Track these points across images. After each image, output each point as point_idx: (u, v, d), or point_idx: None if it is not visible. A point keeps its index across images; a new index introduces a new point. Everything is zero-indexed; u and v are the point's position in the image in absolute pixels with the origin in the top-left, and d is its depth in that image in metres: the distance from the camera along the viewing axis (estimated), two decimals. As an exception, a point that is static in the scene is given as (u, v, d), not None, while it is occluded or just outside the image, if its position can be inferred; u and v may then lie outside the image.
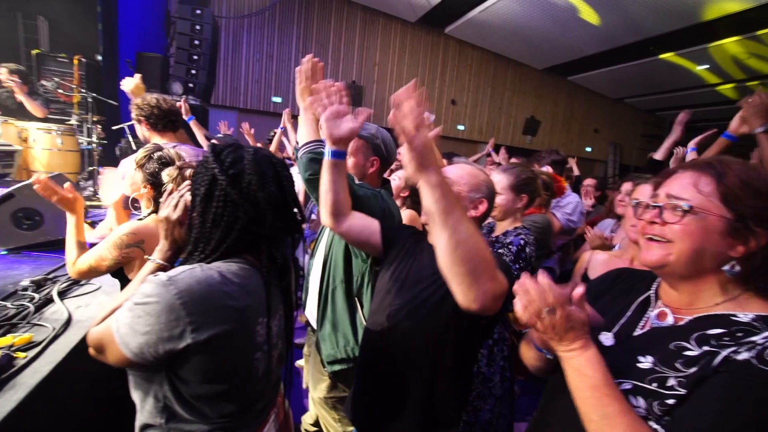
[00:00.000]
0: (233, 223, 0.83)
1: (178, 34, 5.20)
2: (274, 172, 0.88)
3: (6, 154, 3.37)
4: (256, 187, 0.84)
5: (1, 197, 2.10)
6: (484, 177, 1.26)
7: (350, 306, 1.50)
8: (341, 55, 9.16)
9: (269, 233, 0.88)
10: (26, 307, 1.47)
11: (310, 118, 1.44)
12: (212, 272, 0.78)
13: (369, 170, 1.57)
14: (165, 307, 0.72)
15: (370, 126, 1.60)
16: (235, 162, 0.85)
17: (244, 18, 8.02)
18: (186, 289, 0.74)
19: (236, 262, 0.84)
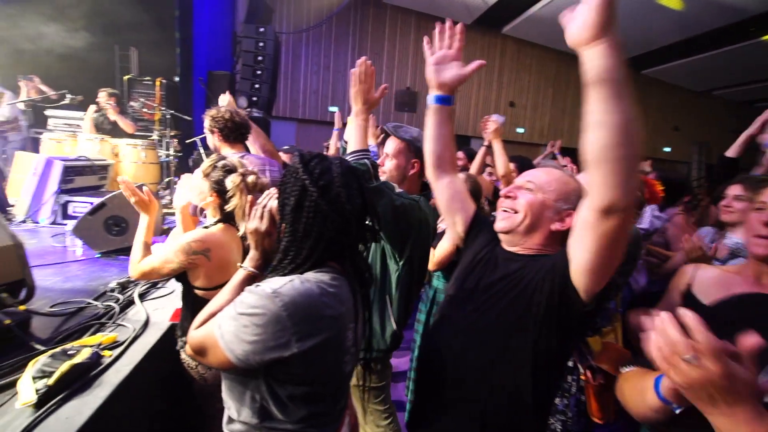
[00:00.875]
0: (323, 233, 0.86)
1: (244, 52, 5.55)
2: (359, 185, 0.91)
3: (102, 167, 3.80)
4: (345, 200, 0.86)
5: (95, 207, 2.33)
6: (575, 185, 1.08)
7: (382, 303, 1.57)
8: (395, 62, 9.22)
9: (353, 243, 0.93)
10: (112, 307, 1.59)
11: (360, 123, 1.48)
12: (311, 285, 0.82)
13: (410, 172, 1.60)
14: (272, 319, 0.76)
15: (412, 129, 1.62)
16: (323, 173, 0.87)
17: (303, 32, 8.39)
18: (291, 301, 0.78)
19: (327, 272, 0.87)
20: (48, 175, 3.22)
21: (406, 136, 1.58)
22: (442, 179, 1.24)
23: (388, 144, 1.62)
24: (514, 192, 1.11)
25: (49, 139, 4.33)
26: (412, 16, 9.15)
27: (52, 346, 1.28)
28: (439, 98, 1.19)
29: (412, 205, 1.47)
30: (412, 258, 1.51)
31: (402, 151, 1.60)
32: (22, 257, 1.48)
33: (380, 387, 1.70)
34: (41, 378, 1.05)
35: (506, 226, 1.09)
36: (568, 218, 1.04)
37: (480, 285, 1.09)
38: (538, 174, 1.13)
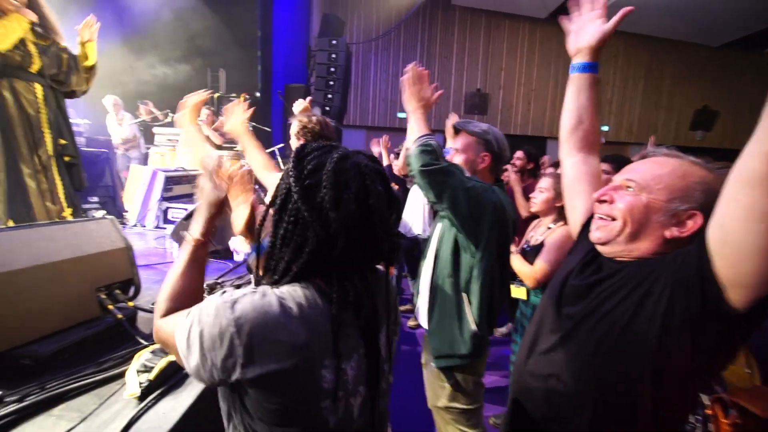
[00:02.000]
0: (302, 246, 0.70)
1: (317, 65, 5.81)
2: (360, 186, 0.70)
3: (195, 177, 4.21)
4: (330, 205, 0.68)
5: (189, 213, 2.55)
6: (700, 175, 0.85)
7: (457, 300, 1.48)
8: (465, 64, 8.99)
9: (342, 260, 0.72)
10: (203, 307, 1.68)
11: (419, 117, 1.52)
12: (272, 299, 0.68)
13: (480, 166, 1.57)
14: (219, 333, 0.65)
15: (482, 124, 1.61)
16: (314, 170, 0.70)
17: (372, 42, 8.57)
18: (242, 316, 0.65)
19: (303, 288, 0.72)
20: (153, 185, 3.65)
21: (476, 130, 1.56)
22: (574, 155, 1.11)
23: (456, 139, 1.61)
24: (610, 194, 0.91)
25: (155, 153, 4.92)
26: (481, 15, 8.88)
27: (152, 342, 1.39)
28: (574, 66, 1.10)
29: (485, 188, 1.43)
30: (490, 247, 1.42)
31: (471, 145, 1.58)
32: (131, 258, 1.65)
33: (471, 410, 1.57)
34: (144, 372, 1.13)
35: (602, 237, 0.91)
36: (690, 221, 0.82)
37: (581, 290, 0.94)
38: (641, 168, 0.90)
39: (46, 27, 2.18)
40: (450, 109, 9.19)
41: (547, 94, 9.38)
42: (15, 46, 2.00)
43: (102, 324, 1.44)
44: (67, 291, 1.41)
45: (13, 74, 2.03)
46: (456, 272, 1.48)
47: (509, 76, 9.15)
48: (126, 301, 1.56)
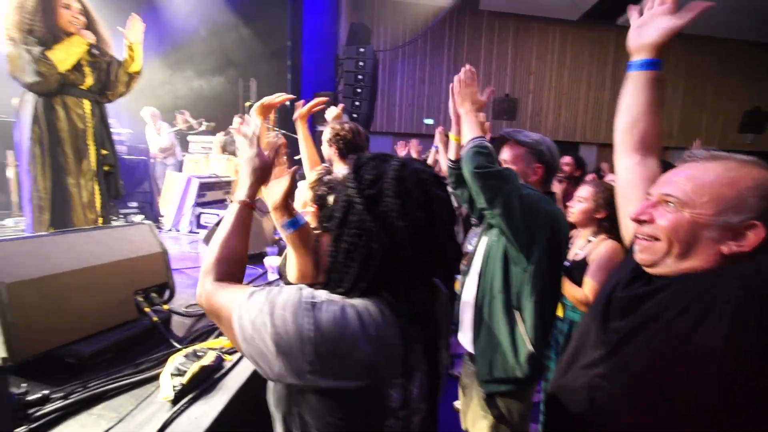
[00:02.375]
0: (369, 258, 0.68)
1: (345, 72, 5.89)
2: (422, 193, 0.69)
3: (227, 183, 4.34)
4: (397, 214, 0.66)
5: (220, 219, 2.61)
6: (754, 177, 0.74)
7: (509, 319, 1.37)
8: (493, 69, 8.87)
9: (409, 270, 0.70)
10: (233, 312, 1.71)
11: (472, 119, 1.48)
12: (352, 314, 0.65)
13: (532, 178, 1.50)
14: (296, 336, 0.62)
15: (532, 133, 1.54)
16: (376, 180, 0.69)
17: (398, 49, 8.62)
18: (323, 325, 0.63)
19: (374, 304, 0.68)
20: (188, 191, 3.79)
21: (527, 140, 1.49)
22: (629, 157, 1.01)
23: (505, 150, 1.55)
24: (649, 212, 0.82)
25: (190, 160, 5.12)
26: (510, 19, 8.75)
27: (185, 345, 1.42)
28: (634, 63, 1.01)
29: (539, 197, 1.36)
30: (543, 260, 1.32)
31: (522, 156, 1.51)
32: (167, 262, 1.70)
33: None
34: (177, 375, 1.15)
35: (647, 259, 0.83)
36: (750, 232, 0.72)
37: (628, 304, 0.87)
38: (680, 179, 0.79)
39: (99, 45, 2.30)
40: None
41: (579, 98, 9.10)
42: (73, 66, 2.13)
43: (139, 326, 1.50)
44: (108, 293, 1.47)
45: (66, 91, 2.16)
46: (506, 288, 1.38)
47: (539, 80, 8.95)
48: (161, 304, 1.61)
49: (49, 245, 1.39)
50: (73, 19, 2.11)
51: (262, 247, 2.68)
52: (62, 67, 2.05)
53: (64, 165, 2.16)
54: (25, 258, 1.31)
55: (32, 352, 1.24)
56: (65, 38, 2.09)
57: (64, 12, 2.08)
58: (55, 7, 2.05)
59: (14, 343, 1.20)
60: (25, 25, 1.96)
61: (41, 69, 1.98)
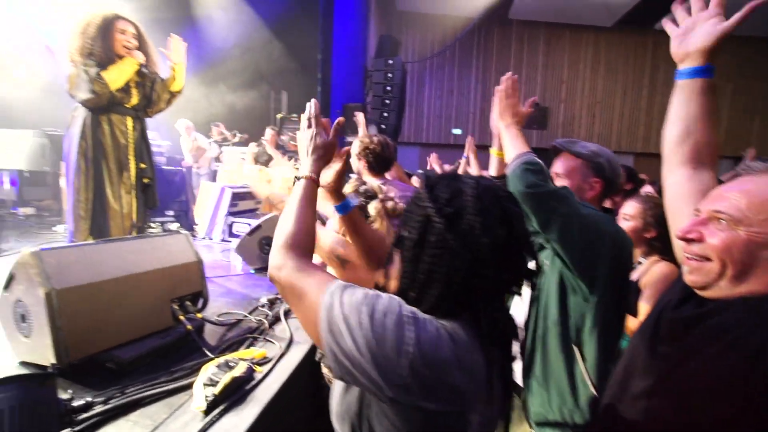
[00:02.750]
0: (451, 277, 0.66)
1: (374, 84, 5.96)
2: (501, 209, 0.69)
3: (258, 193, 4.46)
4: (480, 231, 0.65)
5: (253, 228, 2.68)
6: None
7: (567, 354, 1.22)
8: (523, 77, 8.74)
9: (491, 289, 0.69)
10: (263, 322, 1.74)
11: (514, 132, 1.34)
12: (446, 335, 0.64)
13: (587, 194, 1.34)
14: (395, 348, 0.60)
15: (590, 144, 1.37)
16: (452, 198, 0.69)
17: (426, 60, 8.66)
18: (423, 344, 0.61)
19: (460, 327, 0.67)
20: (221, 200, 3.91)
21: (584, 151, 1.34)
22: (679, 170, 0.94)
23: (558, 162, 1.39)
24: (698, 231, 0.76)
25: (223, 171, 5.31)
26: (541, 27, 8.62)
27: (217, 354, 1.45)
28: (682, 72, 0.95)
29: (601, 217, 1.21)
30: (607, 289, 1.17)
31: (577, 169, 1.35)
32: (202, 271, 1.75)
33: None
34: (209, 386, 1.17)
35: (698, 281, 0.76)
36: None
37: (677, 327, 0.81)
38: (732, 194, 0.73)
39: (147, 64, 2.45)
40: (506, 124, 8.95)
41: (614, 106, 8.78)
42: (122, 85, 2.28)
43: (174, 334, 1.54)
44: (147, 301, 1.53)
45: (112, 109, 2.31)
46: (564, 319, 1.24)
47: (571, 88, 8.72)
48: (195, 313, 1.65)
49: (95, 253, 1.46)
50: (127, 43, 2.27)
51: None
52: (114, 86, 2.21)
53: (105, 177, 2.29)
54: (74, 265, 1.38)
55: (77, 357, 1.30)
56: (118, 60, 2.23)
57: (119, 36, 2.25)
58: (113, 33, 2.23)
59: (61, 347, 1.26)
60: (86, 49, 2.14)
61: (96, 88, 2.14)
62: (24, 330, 1.34)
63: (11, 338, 1.40)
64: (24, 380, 0.76)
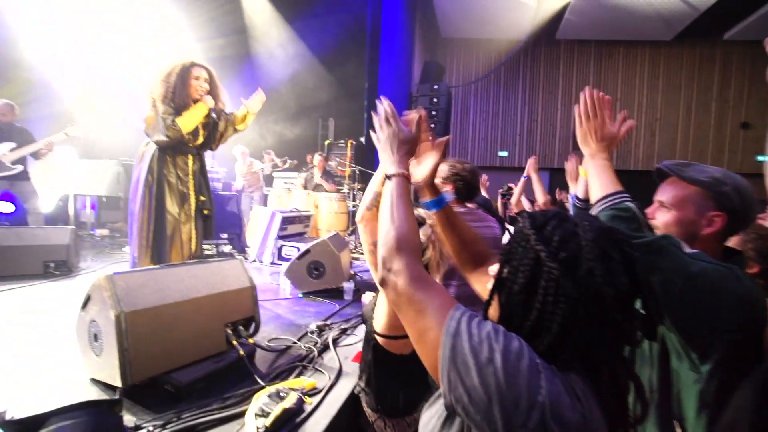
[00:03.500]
0: (568, 328, 0.60)
1: (419, 109, 6.04)
2: (621, 254, 0.63)
3: (306, 217, 4.59)
4: (602, 279, 0.60)
5: (302, 253, 2.73)
6: None
7: (665, 430, 1.02)
8: (572, 98, 8.43)
9: (614, 341, 0.63)
10: (312, 350, 1.72)
11: (602, 164, 1.11)
12: (570, 389, 0.58)
13: (704, 231, 1.06)
14: (525, 394, 0.55)
15: (711, 168, 1.08)
16: (565, 239, 0.64)
17: (471, 84, 8.65)
18: (556, 395, 0.55)
19: (576, 382, 0.60)
20: (272, 224, 4.06)
21: (701, 177, 1.06)
22: None
23: (665, 190, 1.13)
24: None
25: (274, 195, 5.54)
26: (591, 46, 8.34)
27: (268, 382, 1.44)
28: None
29: (721, 273, 0.94)
30: (724, 364, 0.94)
31: (692, 198, 1.08)
32: (255, 297, 1.79)
33: None
34: (261, 416, 1.16)
35: None
36: None
37: None
38: None
39: (216, 106, 2.65)
40: (557, 148, 8.62)
41: (677, 123, 8.17)
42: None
43: (227, 358, 1.57)
44: (203, 325, 1.58)
45: (178, 148, 2.50)
46: (664, 386, 1.04)
47: (626, 106, 8.25)
48: (247, 338, 1.68)
49: (160, 277, 1.54)
50: (200, 88, 2.49)
51: (339, 281, 2.73)
52: (186, 131, 2.44)
53: (167, 209, 2.44)
54: (141, 288, 1.46)
55: (139, 378, 1.35)
56: (192, 104, 2.46)
57: (194, 83, 2.48)
58: (189, 79, 2.46)
59: (126, 368, 1.32)
60: (167, 96, 2.38)
61: (170, 133, 2.38)
62: (96, 349, 1.42)
63: (85, 355, 1.49)
64: (91, 406, 0.79)
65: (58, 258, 3.04)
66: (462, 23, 8.01)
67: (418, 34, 7.27)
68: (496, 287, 0.69)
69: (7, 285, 2.63)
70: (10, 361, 1.59)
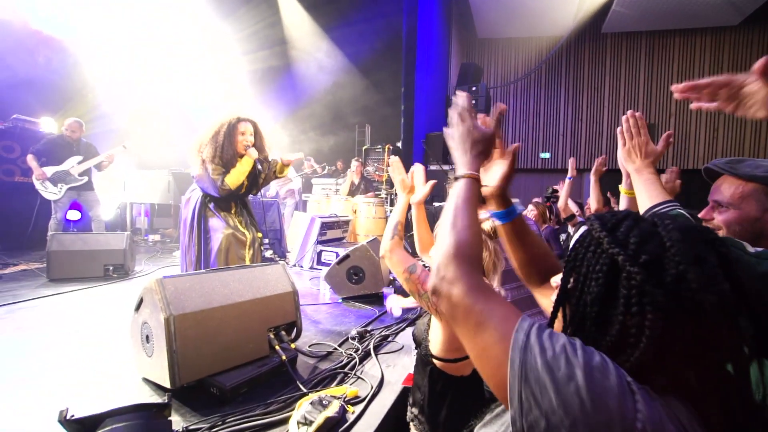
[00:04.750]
0: (662, 342, 0.52)
1: (456, 112, 5.92)
2: (717, 255, 0.54)
3: (345, 222, 4.61)
4: (697, 285, 0.51)
5: (341, 258, 2.72)
6: None
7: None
8: (621, 94, 7.95)
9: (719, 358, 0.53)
10: (353, 357, 1.69)
11: (649, 177, 1.15)
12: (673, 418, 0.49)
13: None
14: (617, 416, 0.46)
15: (765, 162, 1.09)
16: (645, 242, 0.56)
17: (510, 84, 8.39)
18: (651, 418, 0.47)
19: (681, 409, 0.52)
20: (311, 230, 4.12)
21: (758, 173, 1.08)
22: None
23: (720, 189, 1.15)
24: None
25: (313, 201, 5.64)
26: (641, 38, 7.83)
27: (310, 389, 1.42)
28: None
29: None
30: None
31: (751, 194, 1.08)
32: (296, 302, 1.79)
33: None
34: (304, 425, 1.13)
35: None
36: None
37: None
38: None
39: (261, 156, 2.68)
40: (604, 147, 8.14)
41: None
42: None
43: (270, 363, 1.57)
44: (247, 329, 1.59)
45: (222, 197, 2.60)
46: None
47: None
48: (289, 343, 1.67)
49: (206, 282, 1.58)
50: (246, 142, 2.57)
51: (379, 287, 2.69)
52: (233, 186, 2.54)
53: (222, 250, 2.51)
54: (189, 292, 1.50)
55: (186, 381, 1.38)
56: (239, 159, 2.56)
57: (240, 138, 2.56)
58: (236, 136, 2.54)
59: (175, 369, 1.35)
60: (216, 155, 2.48)
61: (222, 193, 2.51)
62: (147, 350, 1.47)
63: (137, 355, 1.55)
64: (144, 409, 0.79)
65: (116, 262, 3.25)
66: (499, 22, 7.82)
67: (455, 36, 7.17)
68: (561, 299, 0.61)
69: (74, 286, 2.84)
70: (73, 358, 1.68)
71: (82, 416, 0.74)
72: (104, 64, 5.74)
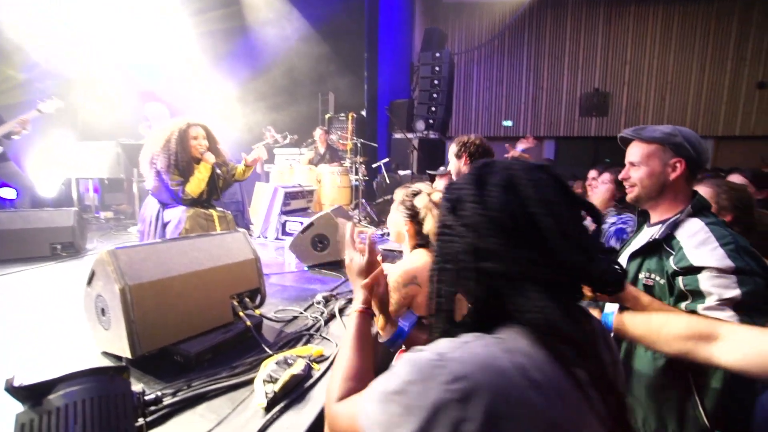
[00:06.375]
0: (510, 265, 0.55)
1: (421, 79, 5.88)
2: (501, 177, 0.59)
3: (309, 192, 4.56)
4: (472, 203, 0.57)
5: (305, 226, 2.71)
6: None
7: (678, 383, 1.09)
8: (579, 63, 8.15)
9: (558, 279, 0.54)
10: (319, 320, 1.73)
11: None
12: (496, 349, 0.51)
13: (672, 176, 1.25)
14: (434, 403, 0.48)
15: (662, 126, 1.30)
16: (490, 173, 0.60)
17: (474, 51, 8.37)
18: (466, 376, 0.48)
19: (520, 336, 0.53)
20: (274, 200, 4.04)
21: (656, 135, 1.27)
22: None
23: (631, 151, 1.33)
24: None
25: (276, 171, 5.50)
26: (599, 6, 7.98)
27: (275, 351, 1.45)
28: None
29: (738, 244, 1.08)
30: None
31: (654, 153, 1.28)
32: (259, 269, 1.78)
33: None
34: (269, 383, 1.16)
35: None
36: None
37: None
38: None
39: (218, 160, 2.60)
40: (563, 115, 8.39)
41: (689, 85, 7.89)
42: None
43: (234, 329, 1.57)
44: (209, 297, 1.58)
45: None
46: None
47: (636, 69, 7.97)
48: (253, 309, 1.68)
49: (163, 251, 1.53)
50: (200, 146, 2.49)
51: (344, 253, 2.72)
52: (195, 194, 2.50)
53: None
54: (145, 262, 1.45)
55: (147, 349, 1.36)
56: (196, 166, 2.48)
57: (193, 143, 2.47)
58: (188, 142, 2.45)
59: (135, 339, 1.33)
60: (171, 164, 2.38)
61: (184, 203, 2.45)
62: (104, 323, 1.43)
63: (94, 330, 1.50)
64: (99, 373, 0.79)
65: (64, 240, 3.06)
66: (464, -14, 7.67)
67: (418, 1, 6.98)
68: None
69: (17, 267, 2.66)
70: (23, 339, 1.61)
71: (31, 383, 0.73)
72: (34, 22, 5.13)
